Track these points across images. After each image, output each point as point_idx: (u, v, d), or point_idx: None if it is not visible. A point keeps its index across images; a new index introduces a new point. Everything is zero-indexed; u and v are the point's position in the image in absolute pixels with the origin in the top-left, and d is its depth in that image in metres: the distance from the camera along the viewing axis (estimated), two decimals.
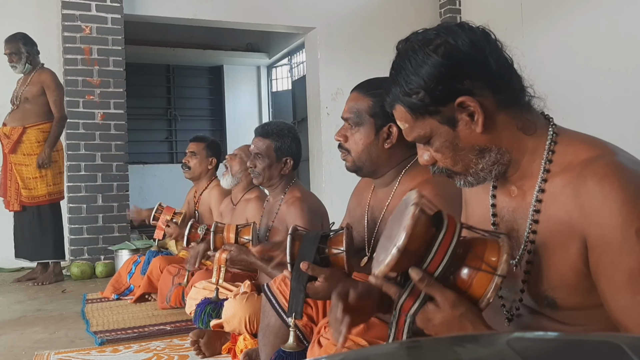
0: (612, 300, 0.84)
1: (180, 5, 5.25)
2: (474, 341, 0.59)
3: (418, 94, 0.91)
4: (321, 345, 1.41)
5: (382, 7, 5.90)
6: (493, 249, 0.87)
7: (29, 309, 3.19)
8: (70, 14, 4.73)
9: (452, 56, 0.90)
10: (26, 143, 4.02)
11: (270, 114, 8.54)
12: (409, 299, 0.88)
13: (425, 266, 0.86)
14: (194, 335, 2.14)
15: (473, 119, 0.91)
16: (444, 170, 0.98)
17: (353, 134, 1.50)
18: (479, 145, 0.93)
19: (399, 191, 1.48)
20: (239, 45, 8.25)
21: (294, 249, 1.36)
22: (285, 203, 2.21)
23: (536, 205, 0.93)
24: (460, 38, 0.91)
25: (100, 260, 4.59)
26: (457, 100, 0.90)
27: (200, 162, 3.35)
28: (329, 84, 5.74)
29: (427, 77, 0.90)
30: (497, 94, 0.92)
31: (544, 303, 0.93)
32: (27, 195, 4.01)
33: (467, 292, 0.86)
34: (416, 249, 0.86)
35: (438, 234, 0.86)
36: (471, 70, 0.91)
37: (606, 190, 0.83)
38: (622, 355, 0.53)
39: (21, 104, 4.05)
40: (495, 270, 0.85)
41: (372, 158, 1.49)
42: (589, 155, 0.89)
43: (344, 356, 0.59)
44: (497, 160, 0.94)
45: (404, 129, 0.98)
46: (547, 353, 0.56)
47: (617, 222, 0.82)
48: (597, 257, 0.85)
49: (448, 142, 0.94)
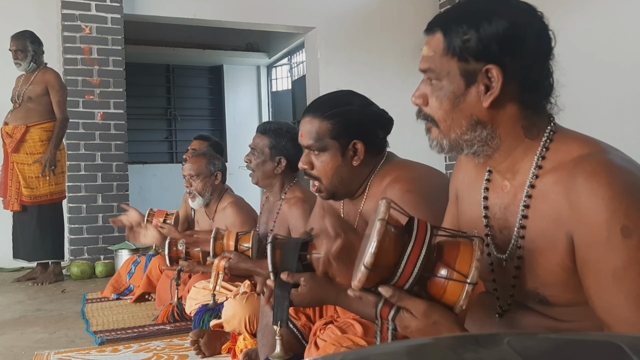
0: (595, 298, 0.84)
1: (180, 5, 5.25)
2: (474, 341, 0.59)
3: (465, 36, 0.90)
4: (318, 347, 1.40)
5: (382, 7, 5.90)
6: (465, 254, 0.87)
7: (29, 308, 3.19)
8: (70, 14, 4.73)
9: (517, 30, 0.90)
10: (29, 142, 4.02)
11: (270, 114, 8.53)
12: (385, 307, 0.89)
13: (395, 280, 0.87)
14: (193, 335, 2.14)
15: (487, 92, 0.91)
16: (428, 119, 0.97)
17: (319, 160, 1.45)
18: (477, 116, 0.92)
19: (370, 195, 1.45)
20: (239, 45, 8.25)
21: (275, 257, 1.35)
22: (287, 203, 2.20)
23: (526, 201, 0.93)
24: (531, 21, 0.92)
25: (100, 260, 4.59)
26: (488, 65, 0.90)
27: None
28: (329, 83, 5.73)
29: (484, 31, 0.89)
30: (523, 88, 0.92)
31: (535, 300, 0.93)
32: (28, 194, 4.01)
33: (442, 300, 0.87)
34: (386, 263, 0.86)
35: (407, 244, 0.86)
36: (520, 52, 0.90)
37: (594, 187, 0.83)
38: (622, 355, 0.53)
39: (24, 102, 4.05)
40: (466, 277, 0.85)
41: (344, 180, 1.44)
42: (580, 153, 0.89)
43: (343, 356, 0.59)
44: (486, 141, 0.94)
45: (426, 55, 0.96)
46: (547, 353, 0.56)
47: (603, 219, 0.81)
48: (583, 255, 0.85)
49: (453, 95, 0.93)
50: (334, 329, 1.39)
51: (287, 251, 1.32)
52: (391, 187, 1.36)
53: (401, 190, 1.32)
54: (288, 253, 1.32)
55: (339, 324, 1.41)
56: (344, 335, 1.32)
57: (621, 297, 0.81)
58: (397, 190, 1.33)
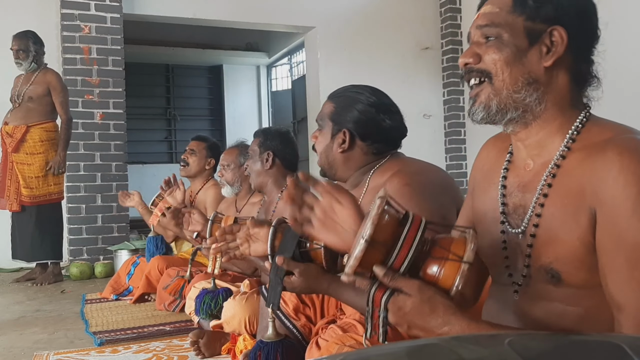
0: (610, 274, 0.84)
1: (179, 5, 5.25)
2: (474, 341, 0.59)
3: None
4: (319, 347, 1.40)
5: (382, 7, 5.90)
6: (459, 242, 0.88)
7: (28, 309, 3.19)
8: (69, 14, 4.73)
9: (588, 7, 0.95)
10: (29, 142, 4.02)
11: (270, 114, 8.54)
12: (379, 290, 0.89)
13: (391, 262, 0.88)
14: (193, 336, 2.14)
15: (549, 52, 0.93)
16: (482, 73, 0.96)
17: (318, 137, 1.56)
18: (535, 74, 0.93)
19: (370, 188, 1.49)
20: (239, 45, 8.25)
21: (275, 241, 1.37)
22: (282, 199, 2.22)
23: (547, 179, 0.93)
24: (596, 12, 0.96)
25: (100, 260, 4.59)
26: (555, 26, 0.92)
27: (198, 161, 3.36)
28: (328, 83, 5.73)
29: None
30: (580, 60, 0.95)
31: (547, 277, 0.92)
32: (27, 194, 4.01)
33: (437, 285, 0.88)
34: (384, 241, 0.87)
35: (404, 227, 0.88)
36: (587, 24, 0.95)
37: (626, 162, 0.83)
38: (622, 355, 0.53)
39: (24, 102, 4.04)
40: (462, 258, 0.86)
41: (329, 161, 1.53)
42: (611, 135, 0.89)
43: (344, 356, 0.59)
44: (531, 105, 0.94)
45: (488, 12, 0.96)
46: (548, 353, 0.56)
47: (631, 194, 0.81)
48: (604, 228, 0.85)
49: (516, 49, 0.93)
50: (335, 329, 1.39)
51: (288, 236, 1.33)
52: (390, 181, 1.39)
53: (399, 184, 1.35)
54: (288, 238, 1.32)
55: (340, 324, 1.41)
56: (347, 334, 1.32)
57: (636, 274, 0.81)
58: (395, 184, 1.36)
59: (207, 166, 3.37)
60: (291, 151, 2.35)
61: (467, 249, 0.86)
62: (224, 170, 2.82)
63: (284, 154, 2.31)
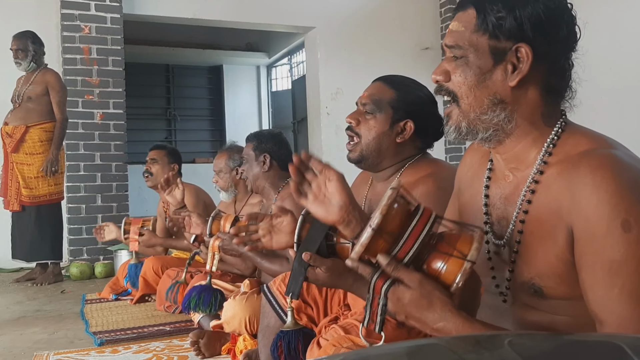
0: (590, 291, 0.84)
1: (179, 5, 5.25)
2: (474, 341, 0.59)
3: (499, 14, 0.91)
4: (320, 346, 1.40)
5: (382, 7, 5.90)
6: (466, 240, 0.89)
7: (28, 309, 3.19)
8: (69, 14, 4.73)
9: (551, 14, 0.90)
10: (29, 142, 4.02)
11: (270, 114, 8.54)
12: (380, 279, 0.90)
13: (396, 252, 0.89)
14: (193, 336, 2.14)
15: (514, 71, 0.91)
16: (450, 94, 0.96)
17: (367, 120, 1.49)
18: (500, 95, 0.92)
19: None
20: (239, 45, 8.25)
21: (303, 230, 1.36)
22: (280, 200, 2.22)
23: (530, 186, 0.93)
24: (565, 11, 0.93)
25: (100, 260, 4.59)
26: (519, 44, 0.90)
27: (162, 168, 3.37)
28: (328, 83, 5.74)
29: (520, 11, 0.90)
30: (549, 73, 0.92)
31: (530, 291, 0.93)
32: (27, 194, 4.01)
33: (439, 279, 0.88)
34: (391, 231, 0.88)
35: (413, 218, 0.89)
36: (552, 36, 0.91)
37: (598, 180, 0.83)
38: (622, 355, 0.53)
39: (23, 102, 4.05)
40: (466, 256, 0.86)
41: (381, 149, 1.48)
42: (587, 148, 0.89)
43: (344, 356, 0.59)
44: (501, 124, 0.93)
45: (454, 30, 0.96)
46: (548, 353, 0.56)
47: (605, 212, 0.81)
48: (581, 247, 0.85)
49: (479, 70, 0.93)
50: (337, 329, 1.39)
51: (316, 227, 1.32)
52: (425, 182, 1.39)
53: (434, 187, 1.36)
54: (316, 230, 1.31)
55: (343, 324, 1.41)
56: (345, 336, 1.32)
57: (616, 291, 0.81)
58: (430, 185, 1.37)
59: (171, 172, 3.35)
60: (286, 152, 2.36)
61: (472, 248, 0.87)
62: (217, 177, 2.84)
63: (279, 155, 2.32)
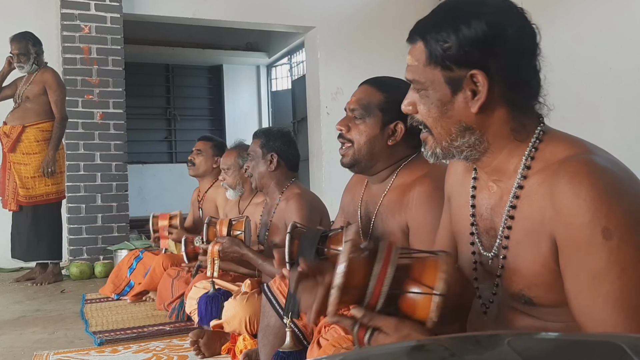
0: (574, 300, 0.84)
1: (179, 5, 5.24)
2: (475, 341, 0.59)
3: (446, 44, 0.90)
4: (320, 346, 1.40)
5: (382, 6, 5.90)
6: (430, 269, 0.88)
7: (28, 309, 3.19)
8: (69, 13, 4.73)
9: (496, 31, 0.88)
10: (25, 142, 4.01)
11: (270, 114, 8.53)
12: (361, 329, 0.90)
13: (367, 301, 0.88)
14: (193, 336, 2.14)
15: (474, 97, 0.90)
16: (421, 124, 0.97)
17: (357, 125, 1.48)
18: (465, 122, 0.92)
19: (395, 185, 1.47)
20: (239, 45, 8.25)
21: (293, 247, 1.35)
22: (284, 200, 2.22)
23: (512, 202, 0.93)
24: (511, 20, 0.90)
25: (100, 260, 4.59)
26: (472, 71, 0.89)
27: (205, 160, 3.39)
28: (328, 83, 5.74)
29: (464, 36, 0.88)
30: (510, 89, 0.91)
31: (521, 301, 0.93)
32: (24, 194, 4.00)
33: (414, 317, 0.88)
34: (357, 284, 0.88)
35: (374, 264, 0.88)
36: (502, 52, 0.89)
37: (576, 188, 0.82)
38: (622, 355, 0.53)
39: (22, 102, 4.04)
40: (433, 290, 0.86)
41: (374, 152, 1.47)
42: (565, 155, 0.89)
43: (344, 356, 0.59)
44: (474, 145, 0.94)
45: (410, 64, 0.96)
46: (548, 353, 0.56)
47: (585, 220, 0.81)
48: (565, 257, 0.85)
49: (440, 103, 0.93)
50: (337, 329, 1.39)
51: (305, 242, 1.31)
52: (421, 182, 1.39)
53: (431, 187, 1.35)
54: (306, 244, 1.31)
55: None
56: (344, 336, 1.32)
57: (600, 299, 0.81)
58: (427, 185, 1.36)
59: (214, 165, 3.39)
60: (294, 152, 2.34)
61: (437, 279, 0.86)
62: (225, 174, 2.82)
63: (287, 155, 2.30)
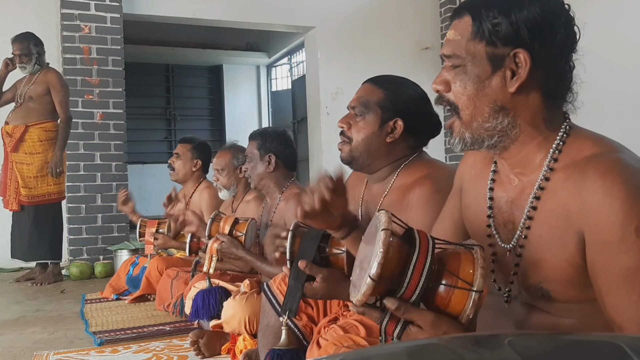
0: (607, 298, 0.84)
1: (179, 5, 5.24)
2: (475, 341, 0.59)
3: (495, 19, 0.90)
4: (320, 346, 1.40)
5: (382, 6, 5.90)
6: (467, 263, 0.85)
7: (28, 309, 3.19)
8: (69, 13, 4.73)
9: (548, 17, 0.89)
10: (28, 142, 4.01)
11: (270, 114, 8.54)
12: (391, 322, 0.86)
13: (402, 292, 0.84)
14: (193, 336, 2.14)
15: (513, 77, 0.90)
16: (450, 105, 0.95)
17: (357, 123, 1.47)
18: (501, 101, 0.91)
19: (396, 185, 1.46)
20: (239, 45, 8.25)
21: (294, 246, 1.35)
22: (284, 200, 2.22)
23: (537, 193, 0.92)
24: (562, 12, 0.91)
25: (100, 260, 4.59)
26: (517, 49, 0.89)
27: (183, 164, 3.34)
28: (328, 83, 5.74)
29: (515, 16, 0.89)
30: (548, 77, 0.91)
31: (537, 295, 0.93)
32: (26, 194, 4.00)
33: (447, 310, 0.85)
34: (391, 274, 0.84)
35: (412, 253, 0.84)
36: (549, 39, 0.89)
37: (608, 186, 0.82)
38: (622, 355, 0.53)
39: (25, 102, 4.04)
40: (472, 285, 0.83)
41: (371, 149, 1.45)
42: (592, 152, 0.88)
43: (344, 356, 0.58)
44: (505, 130, 0.92)
45: (451, 39, 0.95)
46: (548, 353, 0.56)
47: (617, 219, 0.81)
48: (594, 254, 0.84)
49: (478, 79, 0.92)
50: (337, 328, 1.39)
51: (307, 241, 1.31)
52: (422, 184, 1.37)
53: (432, 189, 1.34)
54: (308, 243, 1.30)
55: (342, 324, 1.41)
56: (346, 335, 1.32)
57: (633, 297, 0.81)
58: (427, 187, 1.35)
59: (193, 168, 3.34)
60: (291, 152, 2.35)
61: (477, 275, 0.83)
62: (219, 175, 2.79)
63: (285, 155, 2.30)
